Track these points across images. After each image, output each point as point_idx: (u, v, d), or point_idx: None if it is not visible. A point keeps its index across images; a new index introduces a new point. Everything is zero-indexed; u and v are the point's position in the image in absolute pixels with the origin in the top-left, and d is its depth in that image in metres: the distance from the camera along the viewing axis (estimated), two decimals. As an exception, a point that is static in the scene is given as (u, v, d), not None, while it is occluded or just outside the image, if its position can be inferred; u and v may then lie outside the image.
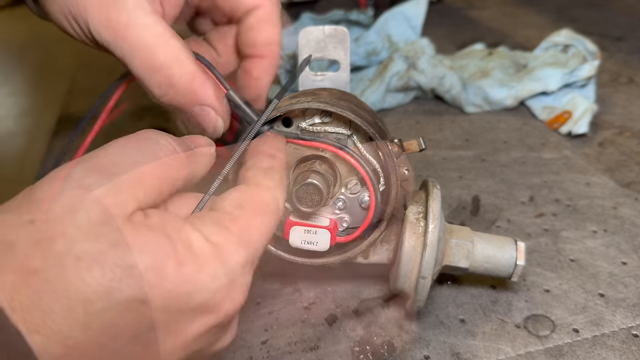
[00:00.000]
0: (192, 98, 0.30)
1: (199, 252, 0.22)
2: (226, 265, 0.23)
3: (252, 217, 0.25)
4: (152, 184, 0.23)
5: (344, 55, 0.40)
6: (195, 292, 0.21)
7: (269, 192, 0.27)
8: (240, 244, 0.23)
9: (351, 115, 0.34)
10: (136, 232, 0.21)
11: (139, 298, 0.20)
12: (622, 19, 1.01)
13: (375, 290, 0.43)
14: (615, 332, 0.38)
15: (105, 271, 0.19)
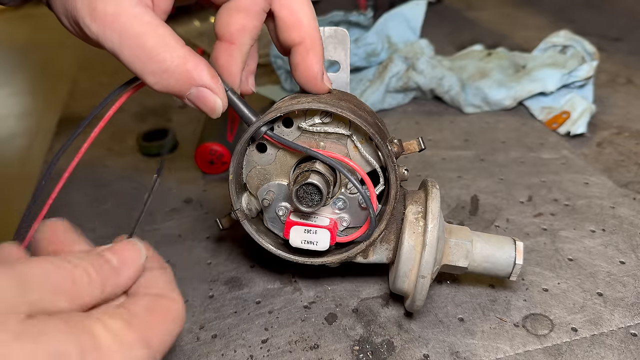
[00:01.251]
0: (187, 80, 0.30)
1: (101, 343, 0.23)
2: (127, 357, 0.23)
3: (159, 323, 0.26)
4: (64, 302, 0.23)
5: (344, 56, 0.40)
6: None
7: (177, 305, 0.27)
8: (141, 343, 0.24)
9: (351, 115, 0.34)
10: (45, 324, 0.21)
11: None
12: (621, 20, 1.02)
13: (375, 290, 0.43)
14: (614, 331, 0.38)
15: None
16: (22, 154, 0.82)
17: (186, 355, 0.38)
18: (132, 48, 0.29)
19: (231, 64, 0.35)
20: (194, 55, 0.31)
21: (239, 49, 0.35)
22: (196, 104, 0.32)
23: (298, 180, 0.35)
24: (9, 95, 0.95)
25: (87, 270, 0.25)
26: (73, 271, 0.24)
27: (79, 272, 0.24)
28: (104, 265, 0.26)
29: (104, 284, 0.25)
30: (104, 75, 0.94)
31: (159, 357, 0.26)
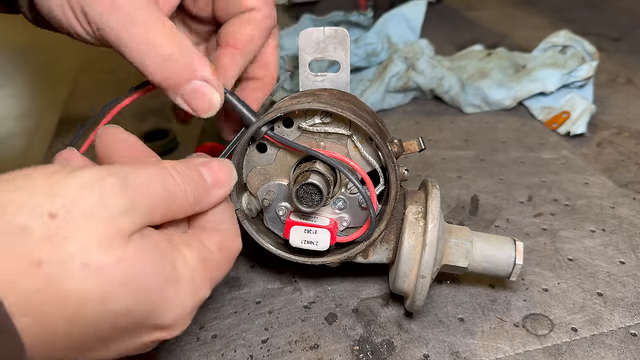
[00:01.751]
0: (189, 71, 0.30)
1: (181, 278, 0.24)
2: (194, 297, 0.25)
3: (224, 262, 0.28)
4: (158, 216, 0.25)
5: (344, 56, 0.40)
6: (166, 312, 0.24)
7: (237, 242, 0.29)
8: (210, 282, 0.27)
9: (351, 115, 0.34)
10: (137, 251, 0.23)
11: (125, 310, 0.22)
12: (620, 20, 1.02)
13: (375, 290, 0.43)
14: (614, 331, 0.38)
15: (105, 283, 0.21)
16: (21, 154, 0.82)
17: (186, 355, 0.38)
18: (137, 32, 0.29)
19: (232, 66, 0.35)
20: (197, 50, 0.31)
21: (241, 55, 0.36)
22: (191, 99, 0.31)
23: (298, 180, 0.35)
24: (8, 96, 0.95)
25: (184, 187, 0.26)
26: (174, 187, 0.25)
27: (178, 189, 0.25)
28: (199, 182, 0.27)
29: (196, 202, 0.27)
30: (102, 74, 0.94)
31: (211, 289, 0.27)
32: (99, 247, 0.21)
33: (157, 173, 0.25)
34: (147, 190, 0.24)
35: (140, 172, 0.24)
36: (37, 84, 1.01)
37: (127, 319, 0.23)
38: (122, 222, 0.22)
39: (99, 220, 0.21)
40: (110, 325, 0.22)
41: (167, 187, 0.25)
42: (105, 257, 0.21)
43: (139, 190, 0.23)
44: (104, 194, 0.22)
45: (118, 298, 0.22)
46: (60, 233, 0.21)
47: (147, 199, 0.24)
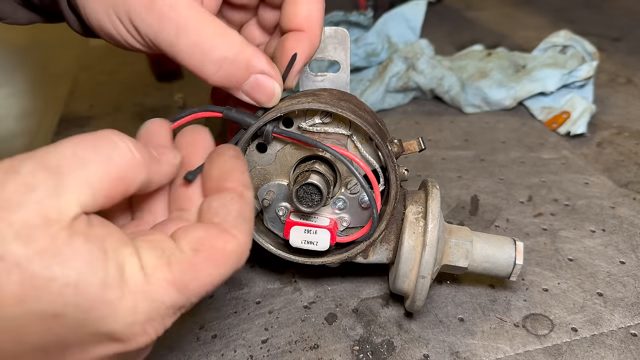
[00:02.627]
0: (247, 68, 0.30)
1: (128, 280, 0.21)
2: (151, 302, 0.21)
3: (202, 265, 0.23)
4: (101, 187, 0.21)
5: (344, 56, 0.40)
6: (110, 319, 0.20)
7: (234, 244, 0.24)
8: (175, 286, 0.22)
9: (351, 115, 0.34)
10: (69, 242, 0.20)
11: (52, 312, 0.19)
12: (620, 20, 1.02)
13: (375, 290, 0.43)
14: (614, 331, 0.38)
15: (24, 278, 0.18)
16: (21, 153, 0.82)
17: (186, 355, 0.38)
18: (190, 39, 0.29)
19: (295, 47, 0.34)
20: (250, 43, 0.31)
21: (306, 35, 0.34)
22: (253, 93, 0.32)
23: (298, 180, 0.35)
24: (9, 96, 0.95)
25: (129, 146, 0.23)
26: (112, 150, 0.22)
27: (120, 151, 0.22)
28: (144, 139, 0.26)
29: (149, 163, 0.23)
30: (102, 75, 0.94)
31: (194, 300, 0.23)
32: (17, 238, 0.18)
33: (85, 140, 0.22)
34: (74, 162, 0.21)
35: (63, 146, 0.21)
36: (38, 82, 1.01)
37: (61, 325, 0.19)
38: (50, 207, 0.19)
39: (20, 207, 0.19)
40: (40, 331, 0.19)
41: (104, 150, 0.22)
42: (25, 249, 0.18)
43: (65, 166, 0.20)
44: (23, 179, 0.19)
45: (42, 297, 0.19)
46: None
47: (77, 171, 0.21)
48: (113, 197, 0.22)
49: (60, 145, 0.21)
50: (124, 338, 0.21)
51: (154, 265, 0.22)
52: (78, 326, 0.20)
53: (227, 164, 0.27)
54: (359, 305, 0.42)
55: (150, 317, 0.22)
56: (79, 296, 0.19)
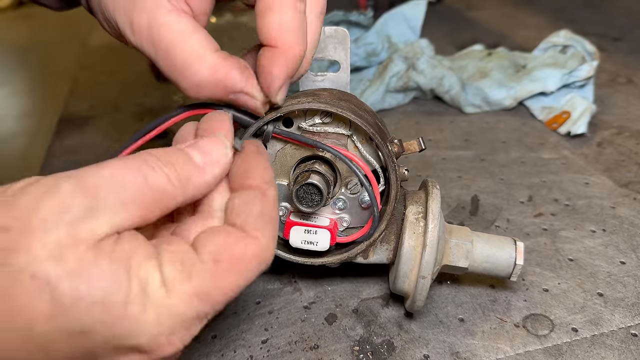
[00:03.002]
0: (222, 89, 0.29)
1: (150, 294, 0.21)
2: (174, 315, 0.22)
3: (224, 275, 0.23)
4: (135, 210, 0.22)
5: (344, 55, 0.40)
6: (135, 333, 0.21)
7: (256, 246, 0.24)
8: (198, 298, 0.22)
9: (351, 115, 0.34)
10: (95, 262, 0.20)
11: (80, 330, 0.20)
12: (621, 20, 1.02)
13: (375, 290, 0.43)
14: (614, 332, 0.38)
15: (54, 297, 0.19)
16: (21, 153, 0.82)
17: (186, 355, 0.38)
18: (165, 61, 0.29)
19: (270, 67, 0.31)
20: (225, 61, 0.29)
21: (280, 52, 0.31)
22: (237, 105, 0.31)
23: (298, 180, 0.35)
24: (8, 95, 0.95)
25: (164, 170, 0.23)
26: (149, 171, 0.23)
27: (156, 173, 0.23)
28: (183, 161, 0.24)
29: (185, 184, 0.24)
30: (104, 75, 0.94)
31: (219, 307, 0.23)
32: (49, 258, 0.19)
33: (124, 165, 0.22)
34: (111, 185, 0.22)
35: (102, 168, 0.22)
36: (37, 82, 1.01)
37: (89, 340, 0.21)
38: (82, 228, 0.20)
39: (54, 228, 0.20)
40: (69, 346, 0.20)
41: (141, 175, 0.22)
42: (55, 269, 0.19)
43: (102, 188, 0.21)
44: (60, 200, 0.20)
45: (70, 315, 0.20)
46: (11, 246, 0.19)
47: (113, 195, 0.21)
48: (149, 218, 0.23)
49: (100, 167, 0.22)
50: (150, 350, 0.22)
51: (175, 278, 0.22)
52: (105, 341, 0.21)
53: (249, 160, 0.27)
54: (359, 305, 0.42)
55: (174, 329, 0.22)
56: (105, 313, 0.20)
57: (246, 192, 0.26)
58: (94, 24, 0.40)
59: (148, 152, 0.24)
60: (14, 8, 1.84)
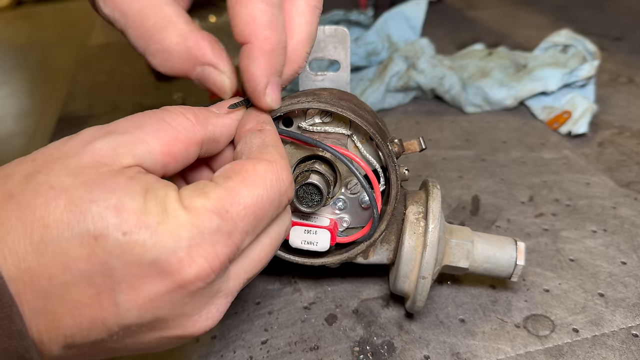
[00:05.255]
0: (190, 59, 0.28)
1: (168, 209, 0.21)
2: (192, 228, 0.21)
3: (237, 188, 0.23)
4: (156, 144, 0.24)
5: (344, 55, 0.40)
6: (150, 244, 0.20)
7: (264, 164, 0.25)
8: (214, 212, 0.22)
9: (351, 115, 0.34)
10: (115, 177, 0.21)
11: (93, 233, 0.20)
12: (622, 19, 1.02)
13: (375, 290, 0.43)
14: (615, 332, 0.38)
15: (69, 202, 0.20)
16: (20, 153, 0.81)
17: (186, 356, 0.38)
18: (135, 28, 0.28)
19: (249, 66, 0.30)
20: (196, 32, 0.28)
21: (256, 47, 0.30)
22: (203, 83, 0.30)
23: (298, 180, 0.35)
24: (7, 96, 0.95)
25: (182, 112, 0.26)
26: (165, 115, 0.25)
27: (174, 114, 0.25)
28: (202, 109, 0.27)
29: (205, 124, 0.26)
30: (102, 75, 0.94)
31: (241, 225, 0.23)
32: (69, 173, 0.21)
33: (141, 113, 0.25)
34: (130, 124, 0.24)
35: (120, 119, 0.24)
36: (36, 82, 1.01)
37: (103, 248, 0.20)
38: (104, 155, 0.22)
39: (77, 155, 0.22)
40: (84, 255, 0.20)
41: (157, 115, 0.25)
42: (73, 180, 0.21)
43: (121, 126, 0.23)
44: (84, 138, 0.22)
45: (83, 218, 0.20)
46: (36, 169, 0.21)
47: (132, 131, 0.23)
48: (174, 155, 0.24)
49: (120, 119, 0.24)
50: (170, 267, 0.21)
51: (191, 196, 0.23)
52: (120, 252, 0.20)
53: (246, 114, 0.30)
54: (359, 306, 0.42)
55: (194, 242, 0.21)
56: (119, 217, 0.20)
57: (244, 136, 0.28)
58: (93, 24, 0.40)
59: (164, 107, 0.26)
60: (13, 8, 1.84)
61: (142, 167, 0.23)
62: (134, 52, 0.31)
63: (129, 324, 0.21)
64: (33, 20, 1.52)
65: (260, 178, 0.24)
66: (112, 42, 1.06)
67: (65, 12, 1.68)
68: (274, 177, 0.25)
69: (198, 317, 0.24)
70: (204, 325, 0.24)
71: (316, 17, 0.31)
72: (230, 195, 0.23)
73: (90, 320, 0.21)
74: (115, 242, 0.20)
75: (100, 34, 1.11)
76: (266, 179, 0.24)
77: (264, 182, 0.24)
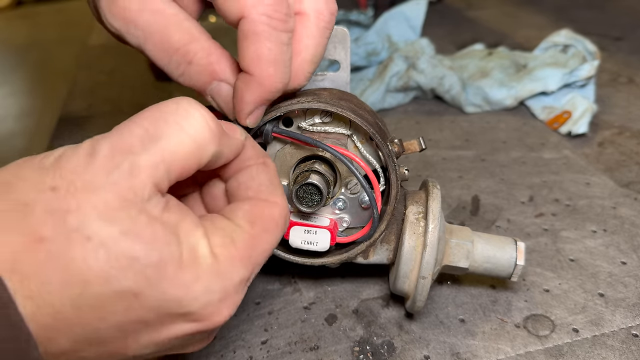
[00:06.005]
0: (210, 74, 0.30)
1: (201, 261, 0.22)
2: (223, 281, 0.23)
3: (261, 235, 0.25)
4: (174, 161, 0.22)
5: (344, 55, 0.40)
6: (186, 300, 0.22)
7: (278, 209, 0.26)
8: (242, 262, 0.24)
9: (351, 115, 0.34)
10: (149, 226, 0.21)
11: (134, 291, 0.20)
12: (622, 19, 1.02)
13: (375, 290, 0.43)
14: (615, 332, 0.38)
15: (110, 257, 0.20)
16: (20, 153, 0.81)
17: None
18: (157, 43, 0.29)
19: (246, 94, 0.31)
20: (218, 49, 0.30)
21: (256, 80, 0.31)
22: (215, 98, 0.31)
23: (298, 180, 0.35)
24: (7, 95, 0.95)
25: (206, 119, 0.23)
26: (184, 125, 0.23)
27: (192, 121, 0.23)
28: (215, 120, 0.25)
29: (219, 135, 0.24)
30: (103, 74, 0.94)
31: (256, 270, 0.25)
32: (101, 219, 0.20)
33: (157, 113, 0.22)
34: (147, 140, 0.21)
35: (136, 124, 0.22)
36: (36, 82, 1.01)
37: (141, 304, 0.21)
38: (127, 187, 0.21)
39: (101, 189, 0.20)
40: (122, 309, 0.20)
41: (174, 125, 0.22)
42: (109, 229, 0.20)
43: (139, 145, 0.21)
44: (100, 163, 0.21)
45: (125, 276, 0.20)
46: (62, 206, 0.20)
47: (151, 150, 0.21)
48: (188, 169, 0.23)
49: (133, 124, 0.22)
50: (199, 317, 0.22)
51: (222, 245, 0.23)
52: (157, 306, 0.21)
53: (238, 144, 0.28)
54: (359, 306, 0.42)
55: (223, 296, 0.23)
56: (159, 276, 0.21)
57: (247, 169, 0.27)
58: (93, 24, 0.40)
59: (185, 98, 0.24)
60: (13, 8, 1.84)
61: (160, 189, 0.22)
62: (135, 52, 0.31)
63: (144, 354, 0.23)
64: (33, 20, 1.52)
65: (276, 224, 0.26)
66: (112, 42, 1.06)
67: (65, 12, 1.68)
68: (284, 221, 0.27)
69: (200, 343, 0.26)
70: (203, 345, 0.26)
71: (325, 38, 0.31)
72: (255, 242, 0.25)
73: (109, 353, 0.22)
74: (154, 299, 0.21)
75: (100, 34, 1.11)
76: (280, 225, 0.26)
77: (278, 228, 0.26)
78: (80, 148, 0.21)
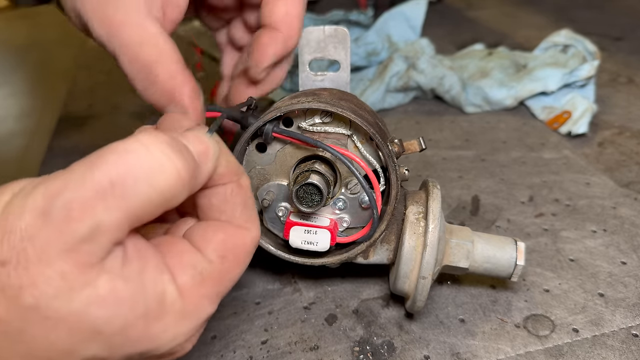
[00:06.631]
0: (169, 97, 0.31)
1: (168, 308, 0.22)
2: (191, 322, 0.23)
3: (231, 269, 0.24)
4: (140, 215, 0.20)
5: (344, 55, 0.40)
6: (154, 349, 0.22)
7: (250, 236, 0.25)
8: (210, 299, 0.24)
9: (352, 115, 0.34)
10: (110, 288, 0.19)
11: (100, 356, 0.20)
12: (622, 19, 1.02)
13: (375, 290, 0.43)
14: (615, 332, 0.38)
15: (72, 332, 0.19)
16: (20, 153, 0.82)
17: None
18: (129, 57, 0.30)
19: (270, 44, 0.35)
20: (183, 74, 0.31)
21: (282, 35, 0.35)
22: (167, 120, 0.29)
23: (298, 180, 0.35)
24: (7, 96, 0.95)
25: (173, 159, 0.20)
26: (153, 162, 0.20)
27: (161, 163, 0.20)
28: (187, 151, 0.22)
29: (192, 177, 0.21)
30: (102, 75, 0.94)
31: (222, 295, 0.25)
32: (58, 295, 0.18)
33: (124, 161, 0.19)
34: (112, 195, 0.19)
35: (101, 173, 0.19)
36: (36, 83, 1.01)
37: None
38: (84, 252, 0.18)
39: (58, 258, 0.18)
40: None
41: (144, 178, 0.19)
42: (67, 305, 0.18)
43: (102, 202, 0.18)
44: (58, 224, 0.18)
45: (90, 346, 0.19)
46: (14, 283, 0.18)
47: (116, 206, 0.19)
48: (153, 217, 0.21)
49: (98, 171, 0.19)
50: (171, 353, 0.23)
51: (190, 286, 0.23)
52: (127, 359, 0.21)
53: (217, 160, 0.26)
54: (359, 306, 0.42)
55: (190, 335, 0.23)
56: (125, 337, 0.20)
57: (220, 188, 0.25)
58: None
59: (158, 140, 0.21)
60: (12, 8, 1.84)
61: (119, 242, 0.20)
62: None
63: None
64: (32, 20, 1.52)
65: (247, 254, 0.25)
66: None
67: (65, 12, 1.67)
68: (254, 247, 0.26)
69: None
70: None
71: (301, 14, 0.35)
72: (224, 276, 0.24)
73: None
74: (121, 356, 0.21)
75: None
76: (250, 252, 0.26)
77: (249, 256, 0.26)
78: (33, 201, 0.18)
